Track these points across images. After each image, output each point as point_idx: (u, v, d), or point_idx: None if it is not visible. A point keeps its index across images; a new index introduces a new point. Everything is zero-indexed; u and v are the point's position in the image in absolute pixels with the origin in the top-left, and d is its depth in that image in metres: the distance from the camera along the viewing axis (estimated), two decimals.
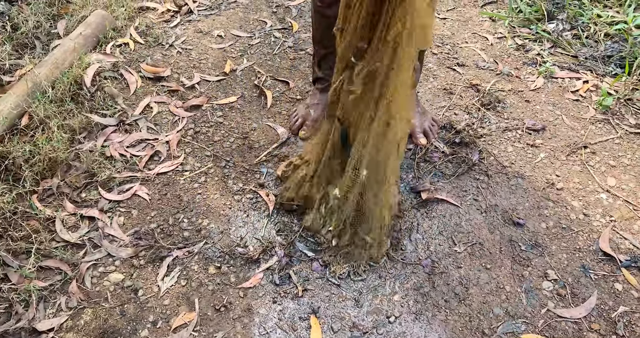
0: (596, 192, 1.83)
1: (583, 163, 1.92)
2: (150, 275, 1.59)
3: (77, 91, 2.08)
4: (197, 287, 1.57)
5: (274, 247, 1.65)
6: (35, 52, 2.33)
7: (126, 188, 1.81)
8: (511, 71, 2.33)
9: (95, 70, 2.17)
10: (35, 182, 1.77)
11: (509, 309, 1.52)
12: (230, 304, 1.53)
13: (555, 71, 2.32)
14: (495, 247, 1.67)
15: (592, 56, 2.42)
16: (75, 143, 1.92)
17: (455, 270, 1.61)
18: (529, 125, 2.05)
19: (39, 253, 1.60)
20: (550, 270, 1.61)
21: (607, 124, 2.08)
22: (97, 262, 1.62)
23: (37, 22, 2.45)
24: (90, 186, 1.81)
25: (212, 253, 1.64)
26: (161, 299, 1.54)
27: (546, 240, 1.69)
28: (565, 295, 1.56)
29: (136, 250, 1.64)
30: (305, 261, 1.63)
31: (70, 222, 1.71)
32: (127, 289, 1.56)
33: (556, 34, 2.54)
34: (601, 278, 1.59)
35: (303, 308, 1.52)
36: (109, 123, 2.00)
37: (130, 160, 1.89)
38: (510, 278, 1.60)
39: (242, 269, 1.61)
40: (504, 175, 1.87)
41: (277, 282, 1.58)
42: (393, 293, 1.56)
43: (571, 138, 2.02)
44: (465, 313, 1.51)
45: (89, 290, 1.55)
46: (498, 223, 1.73)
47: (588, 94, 2.22)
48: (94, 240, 1.67)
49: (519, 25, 2.62)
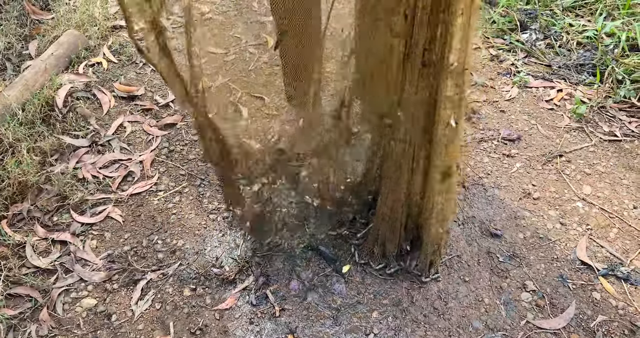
0: (572, 200, 1.83)
1: (559, 172, 1.93)
2: (124, 299, 1.56)
3: (48, 112, 2.05)
4: (172, 310, 1.54)
5: (250, 266, 1.63)
6: (5, 74, 2.30)
7: (99, 210, 1.78)
8: (486, 82, 2.34)
9: (67, 91, 2.15)
10: (5, 206, 1.74)
11: (488, 322, 1.51)
12: (206, 327, 1.50)
13: (530, 81, 2.34)
14: (473, 259, 1.66)
15: (565, 65, 2.44)
16: (47, 165, 1.89)
17: (433, 284, 1.59)
18: (505, 135, 2.06)
19: (7, 281, 1.56)
20: (529, 281, 1.60)
21: (581, 132, 2.10)
22: (69, 287, 1.58)
23: (8, 43, 2.42)
24: (62, 209, 1.78)
25: (187, 275, 1.61)
26: (135, 324, 1.51)
27: (524, 251, 1.68)
28: (544, 305, 1.55)
29: (109, 274, 1.61)
30: (282, 280, 1.61)
31: (41, 246, 1.67)
32: (100, 314, 1.53)
33: (530, 44, 2.57)
34: (579, 288, 1.59)
35: (281, 328, 1.50)
36: (81, 144, 1.97)
37: (103, 181, 1.86)
38: (489, 290, 1.59)
39: (218, 290, 1.58)
40: (480, 187, 1.87)
41: (254, 302, 1.55)
42: (371, 310, 1.54)
43: (546, 147, 2.03)
44: (445, 328, 1.50)
45: (60, 317, 1.51)
46: (476, 235, 1.72)
47: (562, 102, 2.24)
48: (66, 264, 1.63)
49: (492, 35, 2.64)
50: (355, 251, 1.65)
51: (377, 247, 1.58)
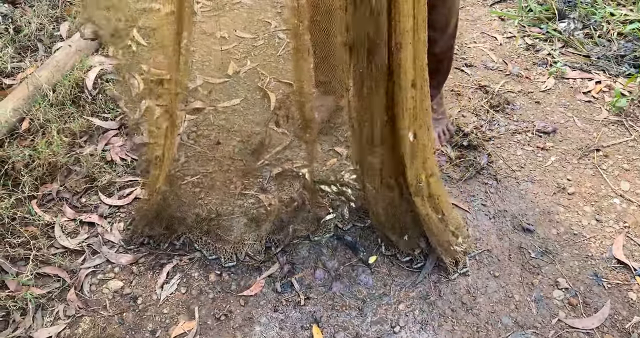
0: (609, 196, 1.77)
1: (595, 166, 1.86)
2: (150, 283, 1.56)
3: (78, 94, 2.06)
4: (197, 295, 1.53)
5: (276, 254, 1.61)
6: (37, 55, 2.31)
7: (127, 192, 1.78)
8: (521, 72, 2.27)
9: (97, 73, 2.15)
10: (35, 187, 1.75)
11: (518, 319, 1.47)
12: (230, 313, 1.49)
13: (567, 71, 2.26)
14: (504, 254, 1.62)
15: (604, 56, 2.36)
16: (76, 147, 1.90)
17: (462, 278, 1.56)
18: (539, 127, 1.99)
19: (37, 260, 1.58)
20: (561, 279, 1.55)
21: (620, 126, 2.02)
22: (96, 268, 1.59)
23: (40, 24, 2.43)
24: (91, 191, 1.79)
25: (212, 260, 1.60)
26: (160, 307, 1.51)
27: (557, 247, 1.63)
28: (577, 304, 1.50)
29: (136, 257, 1.61)
30: (307, 268, 1.59)
31: (70, 227, 1.68)
32: (126, 297, 1.53)
33: (567, 33, 2.48)
34: (614, 287, 1.54)
35: (305, 317, 1.48)
36: (110, 126, 1.98)
37: (131, 164, 1.86)
38: (519, 286, 1.54)
39: (244, 276, 1.57)
40: (513, 180, 1.82)
41: (279, 290, 1.54)
42: (398, 302, 1.51)
43: (583, 141, 1.96)
44: (473, 323, 1.46)
45: (87, 298, 1.52)
46: (507, 230, 1.68)
47: (600, 95, 2.16)
48: (93, 246, 1.64)
49: (529, 24, 2.56)
50: (382, 242, 1.62)
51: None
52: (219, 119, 2.04)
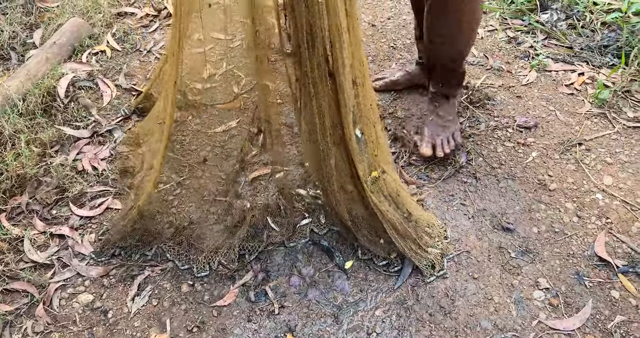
0: (591, 192, 1.72)
1: (577, 161, 1.82)
2: (121, 295, 1.53)
3: (50, 103, 2.02)
4: (169, 307, 1.50)
5: (250, 261, 1.58)
6: (10, 64, 2.27)
7: (98, 203, 1.75)
8: (502, 66, 2.22)
9: (69, 81, 2.11)
10: (3, 200, 1.71)
11: (497, 322, 1.43)
12: (203, 324, 1.46)
13: (549, 64, 2.21)
14: (483, 255, 1.58)
15: (587, 46, 2.31)
16: (47, 157, 1.86)
17: (440, 281, 1.52)
18: (520, 122, 1.95)
19: (4, 276, 1.54)
20: (542, 278, 1.51)
21: (603, 119, 1.98)
22: (66, 282, 1.55)
23: (12, 32, 2.39)
24: (62, 202, 1.75)
25: (185, 270, 1.57)
26: (131, 320, 1.47)
27: (537, 246, 1.59)
28: (557, 305, 1.46)
29: (107, 269, 1.58)
30: (282, 276, 1.55)
31: (40, 240, 1.65)
32: (96, 311, 1.50)
33: (550, 25, 2.43)
34: (596, 286, 1.50)
35: (279, 326, 1.45)
36: (81, 135, 1.94)
37: (104, 173, 1.83)
38: (499, 288, 1.51)
39: (217, 286, 1.54)
40: (493, 177, 1.78)
41: (253, 299, 1.50)
42: (374, 307, 1.47)
43: (565, 135, 1.91)
44: (451, 328, 1.43)
45: (56, 313, 1.49)
46: (487, 229, 1.64)
47: (583, 87, 2.12)
48: (63, 259, 1.60)
49: (511, 16, 2.51)
50: (358, 247, 1.58)
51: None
52: (194, 124, 2.00)
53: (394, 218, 1.43)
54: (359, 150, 1.32)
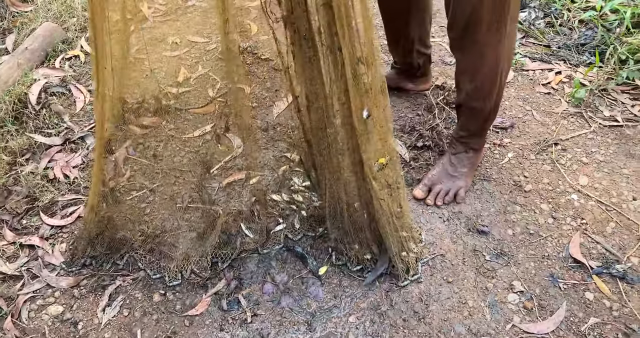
0: (567, 192, 1.72)
1: (553, 161, 1.81)
2: (92, 306, 1.50)
3: (21, 110, 1.99)
4: (140, 317, 1.47)
5: (222, 269, 1.56)
6: None
7: (70, 211, 1.72)
8: None
9: (41, 87, 2.08)
10: None
11: (471, 326, 1.42)
12: (175, 334, 1.44)
13: (526, 63, 2.21)
14: (458, 258, 1.57)
15: (565, 45, 2.30)
16: (17, 166, 1.83)
17: (414, 286, 1.51)
18: (496, 123, 1.94)
19: None
20: (517, 281, 1.51)
21: (580, 118, 1.97)
22: (35, 294, 1.53)
23: None
24: (32, 211, 1.72)
25: (157, 279, 1.55)
26: (102, 331, 1.45)
27: (512, 248, 1.58)
28: (532, 308, 1.45)
29: (77, 279, 1.55)
30: (256, 283, 1.53)
31: (9, 251, 1.62)
32: (66, 322, 1.47)
33: (528, 23, 2.42)
34: (571, 288, 1.49)
35: (252, 335, 1.43)
36: (53, 143, 1.91)
37: (75, 181, 1.80)
38: (473, 291, 1.50)
39: (189, 295, 1.52)
40: None
41: (225, 307, 1.48)
42: (348, 314, 1.46)
43: (541, 135, 1.91)
44: (425, 333, 1.42)
45: (25, 326, 1.46)
46: (461, 232, 1.63)
47: (560, 86, 2.11)
48: (33, 270, 1.58)
49: None
50: (332, 252, 1.57)
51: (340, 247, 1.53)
52: (167, 129, 1.98)
53: (388, 212, 1.38)
54: (365, 131, 1.25)
